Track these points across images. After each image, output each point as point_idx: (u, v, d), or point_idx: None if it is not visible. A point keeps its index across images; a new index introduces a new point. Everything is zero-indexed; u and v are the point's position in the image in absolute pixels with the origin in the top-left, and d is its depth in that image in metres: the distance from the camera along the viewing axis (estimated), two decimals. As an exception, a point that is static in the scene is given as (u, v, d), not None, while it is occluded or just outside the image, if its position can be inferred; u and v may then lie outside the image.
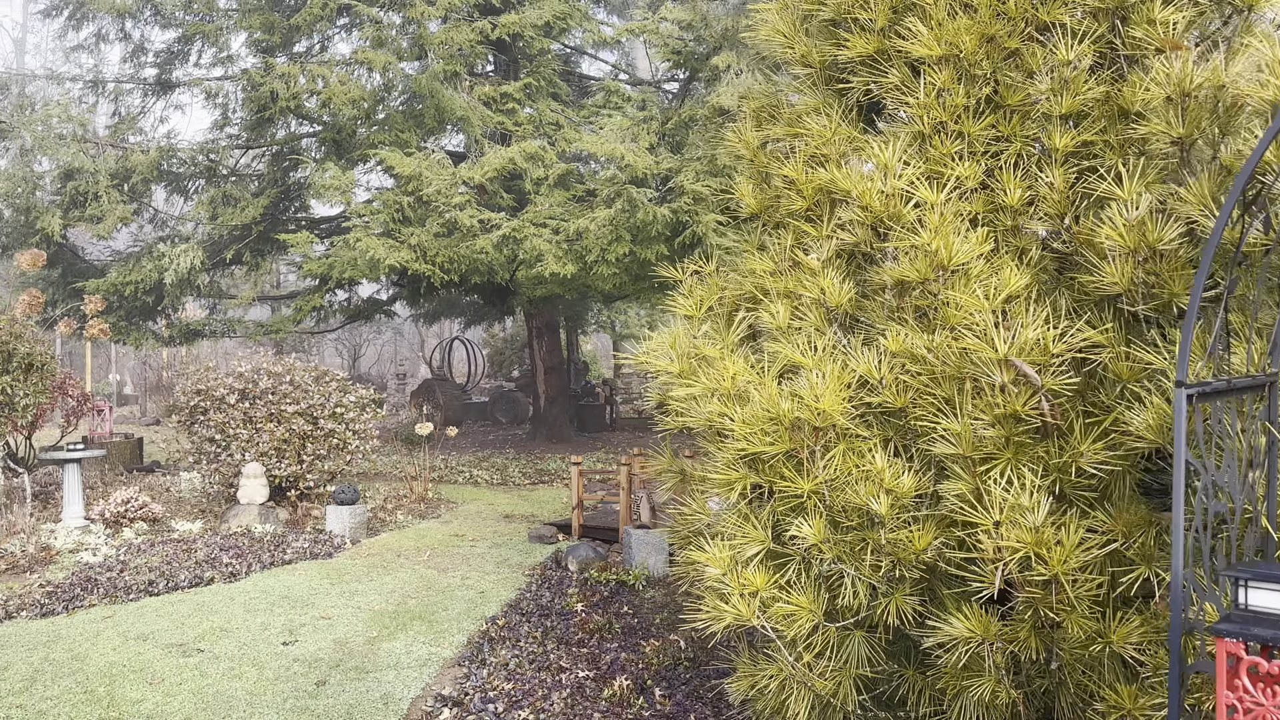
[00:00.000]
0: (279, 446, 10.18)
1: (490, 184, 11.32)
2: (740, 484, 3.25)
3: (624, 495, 8.88)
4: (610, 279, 10.67)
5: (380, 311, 16.76)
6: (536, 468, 14.57)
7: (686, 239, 10.17)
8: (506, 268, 11.20)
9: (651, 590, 7.56)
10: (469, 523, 10.43)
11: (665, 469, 4.30)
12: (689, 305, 4.29)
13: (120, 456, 14.60)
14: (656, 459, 4.36)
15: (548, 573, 8.01)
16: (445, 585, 7.75)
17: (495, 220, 10.63)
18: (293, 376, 10.55)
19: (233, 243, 15.18)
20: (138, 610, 7.14)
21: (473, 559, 8.69)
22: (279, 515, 9.89)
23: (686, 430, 4.23)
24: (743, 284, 4.09)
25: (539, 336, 17.84)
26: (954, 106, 3.50)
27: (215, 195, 14.91)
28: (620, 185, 9.75)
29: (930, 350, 3.07)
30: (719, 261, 4.41)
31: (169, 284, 14.26)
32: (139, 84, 16.10)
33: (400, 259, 10.50)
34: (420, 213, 10.97)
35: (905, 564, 3.03)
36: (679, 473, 4.26)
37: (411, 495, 11.57)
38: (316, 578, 8.06)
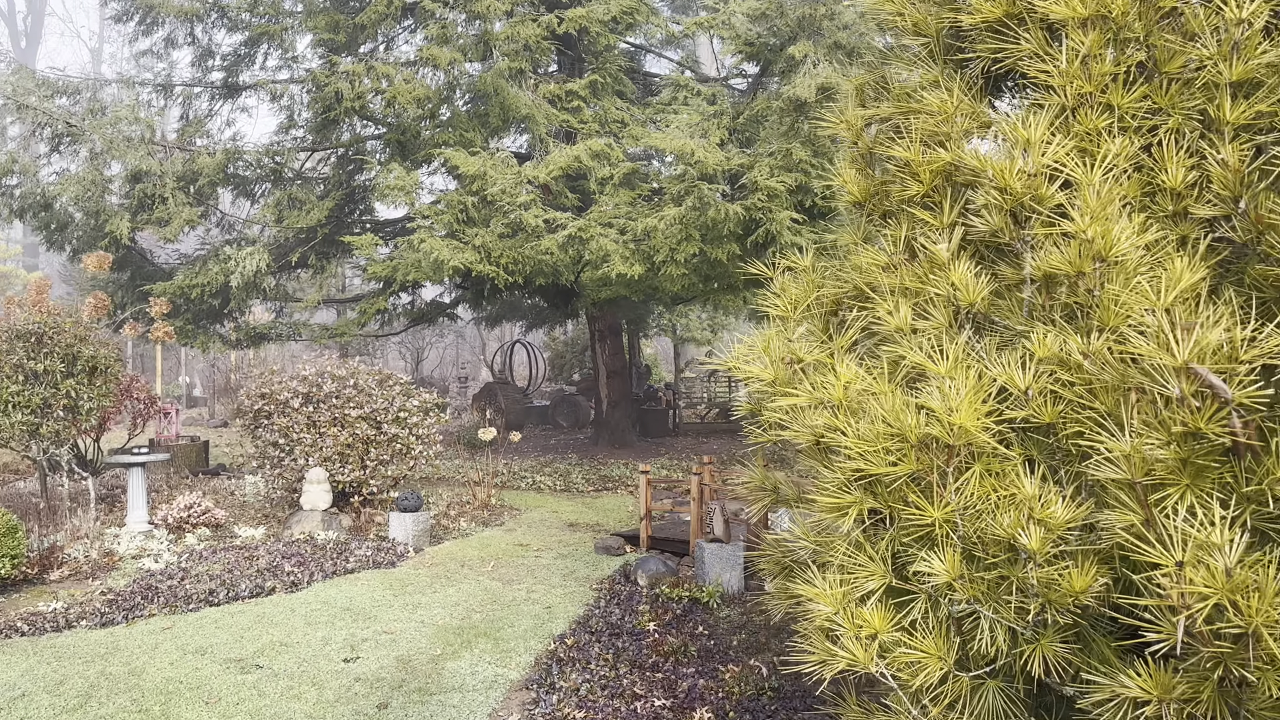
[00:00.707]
0: (342, 451, 9.99)
1: (555, 183, 11.01)
2: (855, 509, 2.82)
3: (695, 506, 8.47)
4: (679, 280, 10.27)
5: (443, 314, 16.60)
6: (600, 474, 14.24)
7: (759, 238, 9.73)
8: (571, 269, 10.88)
9: (727, 609, 7.14)
10: (533, 531, 10.11)
11: (756, 486, 3.88)
12: (782, 305, 3.87)
13: (186, 459, 14.63)
14: (745, 473, 3.95)
15: (616, 587, 7.64)
16: (510, 599, 7.43)
17: (560, 220, 10.31)
18: (356, 380, 10.36)
19: (298, 246, 15.13)
20: (197, 621, 6.94)
21: (538, 570, 8.36)
22: (342, 522, 9.68)
23: (780, 444, 3.81)
24: (845, 280, 3.66)
25: (601, 339, 17.52)
26: (1101, 75, 3.04)
27: (281, 198, 14.88)
28: (691, 182, 9.35)
29: (1087, 356, 2.61)
30: (814, 256, 3.99)
31: (235, 287, 14.24)
32: (206, 87, 16.17)
33: (464, 260, 10.24)
34: (484, 213, 10.70)
35: (1057, 607, 2.57)
36: (771, 490, 3.84)
37: (475, 502, 11.31)
38: (379, 588, 7.80)
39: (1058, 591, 2.57)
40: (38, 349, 8.66)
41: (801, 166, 9.60)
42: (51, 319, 8.87)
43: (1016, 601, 2.62)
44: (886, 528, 2.88)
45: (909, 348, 2.85)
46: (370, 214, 17.02)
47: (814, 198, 9.84)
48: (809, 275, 3.99)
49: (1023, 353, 2.77)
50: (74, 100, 14.64)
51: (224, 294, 14.94)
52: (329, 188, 15.50)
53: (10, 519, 7.59)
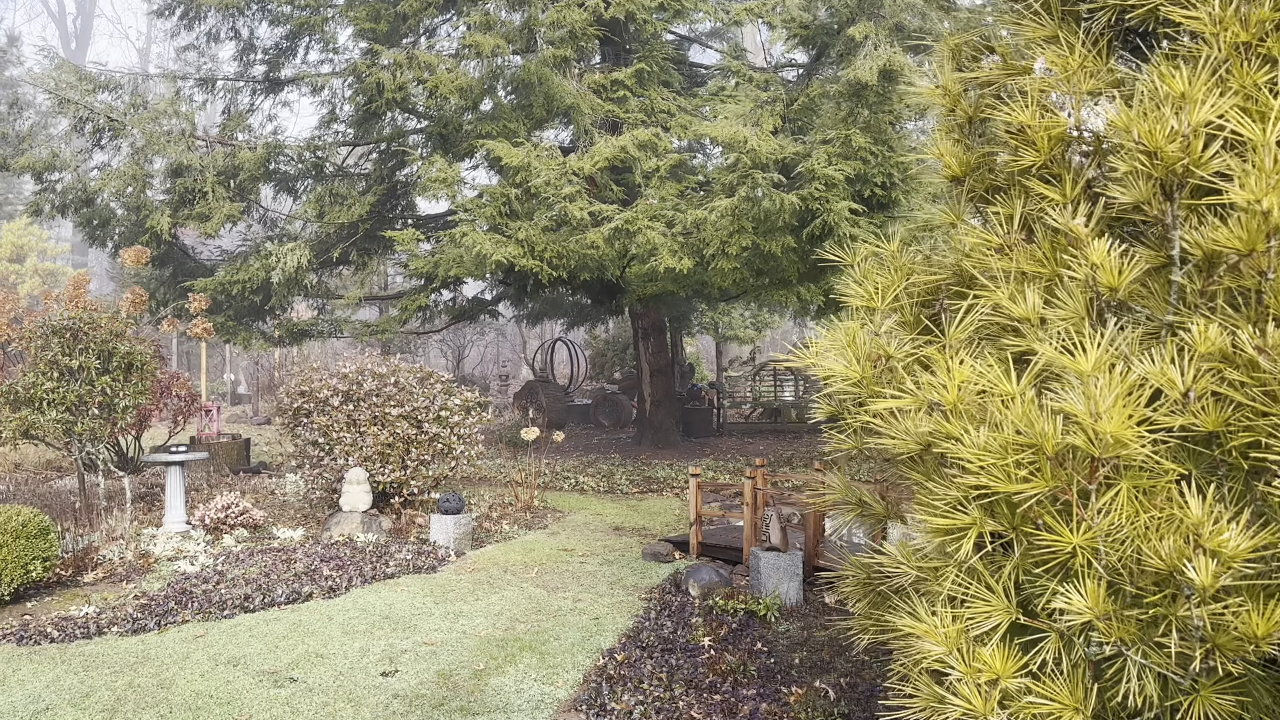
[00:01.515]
0: (382, 451, 9.70)
1: (600, 175, 10.64)
2: (973, 532, 2.39)
3: (748, 512, 8.04)
4: (729, 275, 9.84)
5: (485, 311, 16.33)
6: (644, 475, 13.85)
7: (815, 229, 9.27)
8: (617, 263, 10.50)
9: (785, 622, 6.71)
10: (577, 535, 9.75)
11: (839, 499, 3.46)
12: (866, 294, 3.44)
13: (227, 458, 14.49)
14: (825, 484, 3.52)
15: (666, 597, 7.24)
16: (556, 608, 7.06)
17: (606, 212, 9.92)
18: (397, 378, 10.07)
19: (339, 242, 14.92)
20: (231, 629, 6.65)
21: (583, 578, 7.99)
22: (382, 524, 9.39)
23: (861, 450, 3.40)
24: (942, 266, 3.22)
25: (645, 337, 17.13)
26: (1259, 21, 2.57)
27: (322, 193, 14.68)
28: (744, 170, 8.91)
29: (1263, 351, 2.16)
30: (903, 240, 3.56)
31: (276, 283, 14.06)
32: (248, 82, 16.03)
33: (507, 254, 9.90)
34: (528, 206, 10.37)
35: (1227, 653, 2.13)
36: (855, 504, 3.42)
37: (517, 503, 10.97)
38: (420, 595, 7.48)
39: (1229, 635, 2.12)
40: (73, 345, 8.45)
41: (860, 154, 9.13)
42: (87, 314, 8.67)
43: (1180, 645, 2.17)
44: (1009, 554, 2.44)
45: (1038, 341, 2.42)
46: (412, 210, 16.79)
47: (873, 187, 9.36)
48: (895, 261, 3.56)
49: (1177, 347, 2.32)
50: (116, 95, 14.55)
51: (265, 290, 14.78)
52: (370, 183, 15.28)
53: (43, 520, 7.37)
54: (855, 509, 3.41)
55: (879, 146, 9.15)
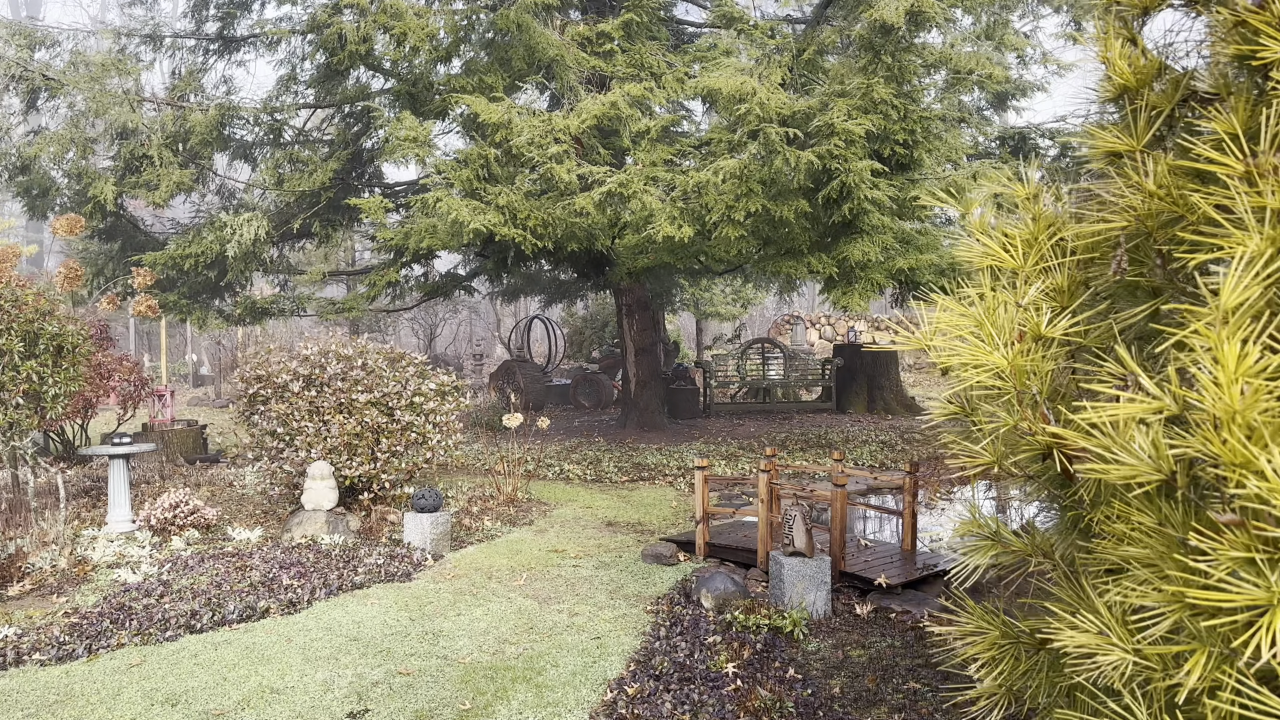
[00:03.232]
0: (349, 442, 8.73)
1: (587, 136, 9.66)
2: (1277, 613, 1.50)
3: (763, 509, 7.18)
4: (735, 244, 8.90)
5: (460, 287, 15.30)
6: (633, 461, 12.96)
7: (831, 192, 8.36)
8: (608, 232, 9.55)
9: (815, 640, 5.86)
10: (567, 532, 8.85)
11: (968, 531, 2.56)
12: (996, 251, 2.55)
13: (182, 446, 13.43)
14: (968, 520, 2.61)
15: (676, 610, 6.36)
16: (550, 624, 6.16)
17: (596, 175, 8.96)
18: (365, 360, 9.08)
19: (300, 212, 13.82)
20: (173, 656, 5.70)
21: (578, 585, 7.10)
22: (349, 523, 8.43)
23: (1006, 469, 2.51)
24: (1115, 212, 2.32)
25: (629, 314, 16.20)
26: None
27: (280, 159, 13.56)
28: (754, 125, 7.96)
29: None
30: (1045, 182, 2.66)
31: (231, 257, 12.97)
32: (200, 40, 14.81)
33: (486, 222, 8.90)
34: (508, 169, 9.37)
35: None
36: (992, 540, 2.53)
37: (500, 496, 10.05)
38: (393, 609, 6.55)
39: None
40: (-8, 326, 7.39)
41: (881, 108, 8.22)
42: (9, 290, 7.60)
43: None
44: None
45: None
46: (379, 179, 15.68)
47: (894, 145, 8.46)
48: (1033, 207, 2.66)
49: None
50: (54, 53, 13.33)
51: (220, 265, 13.69)
52: (334, 149, 14.16)
53: (-48, 529, 6.35)
54: (992, 545, 2.52)
55: (901, 100, 8.26)
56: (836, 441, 14.65)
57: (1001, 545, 2.51)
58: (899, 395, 19.87)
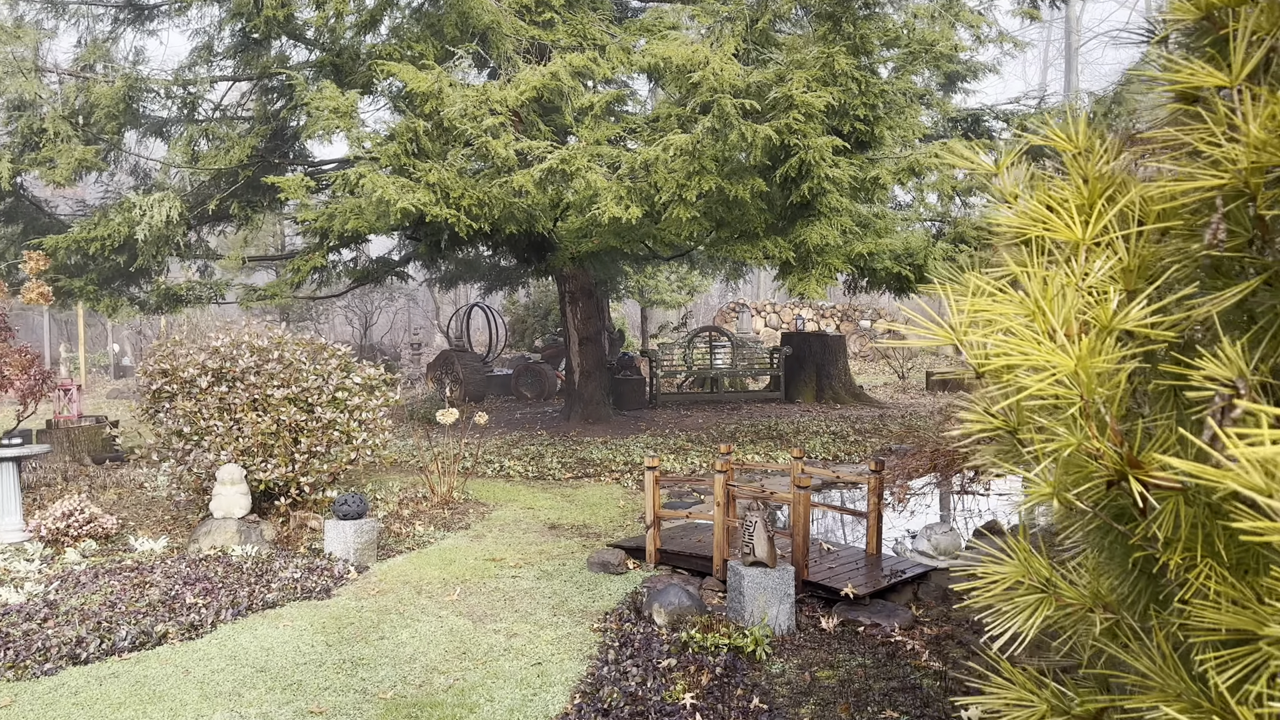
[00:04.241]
0: (264, 442, 7.96)
1: (526, 109, 8.98)
2: None
3: (719, 513, 6.61)
4: (687, 226, 8.29)
5: (392, 273, 14.47)
6: (577, 456, 12.33)
7: (790, 170, 7.80)
8: (549, 213, 8.88)
9: (780, 660, 5.31)
10: (506, 537, 8.20)
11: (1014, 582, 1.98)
12: (1042, 216, 1.99)
13: (89, 445, 12.45)
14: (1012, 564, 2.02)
15: (626, 628, 5.76)
16: (485, 648, 5.52)
17: (537, 150, 8.26)
18: (282, 352, 8.31)
19: (217, 192, 12.88)
20: (50, 694, 4.94)
21: (518, 599, 6.46)
22: (263, 532, 7.68)
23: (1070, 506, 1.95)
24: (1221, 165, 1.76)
25: (573, 302, 15.53)
26: None
27: (195, 134, 12.59)
28: (709, 96, 7.34)
29: None
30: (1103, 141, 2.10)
31: (141, 240, 12.01)
32: (107, 6, 13.73)
33: (415, 201, 8.16)
34: (440, 144, 8.64)
35: None
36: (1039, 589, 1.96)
37: (434, 497, 9.35)
38: (308, 632, 5.85)
39: None
40: None
41: (842, 80, 7.68)
42: None
43: None
44: None
45: None
46: (305, 158, 14.76)
47: (853, 121, 7.93)
48: (1083, 165, 2.09)
49: None
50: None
51: (131, 249, 12.70)
52: (254, 124, 13.23)
53: None
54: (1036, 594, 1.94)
55: (861, 72, 7.72)
56: (787, 433, 14.19)
57: (1054, 595, 1.94)
58: (847, 384, 19.53)
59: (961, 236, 11.21)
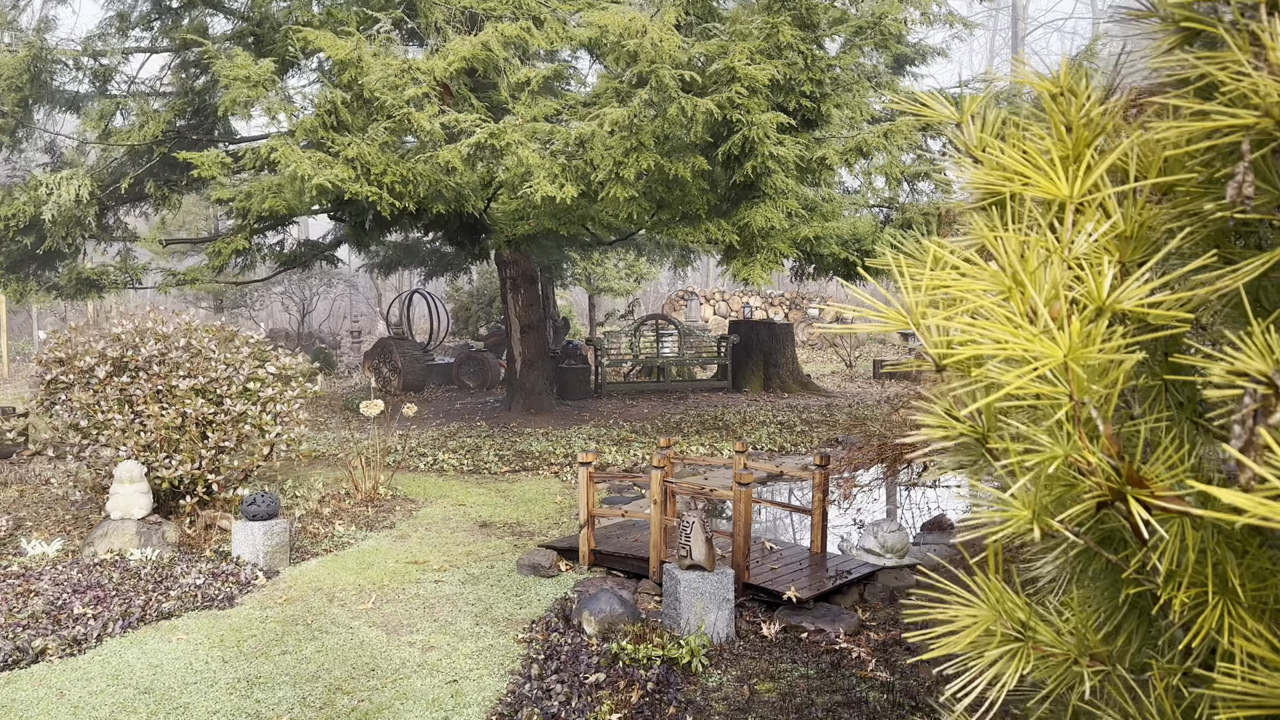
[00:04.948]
0: (168, 436, 7.38)
1: (456, 82, 8.46)
2: None
3: (656, 511, 6.20)
4: (625, 206, 7.83)
5: (321, 257, 13.82)
6: (516, 449, 11.85)
7: (732, 147, 7.38)
8: (480, 193, 8.38)
9: (717, 673, 4.92)
10: (433, 538, 7.71)
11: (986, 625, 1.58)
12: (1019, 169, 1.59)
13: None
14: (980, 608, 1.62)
15: (553, 638, 5.33)
16: (397, 663, 5.05)
17: (464, 124, 7.75)
18: (189, 340, 7.71)
19: (132, 169, 12.13)
20: (-110, 728, 4.39)
21: (439, 607, 5.99)
22: (165, 534, 7.10)
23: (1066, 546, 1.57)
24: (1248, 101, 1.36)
25: (514, 288, 14.99)
26: None
27: (107, 108, 11.83)
28: (646, 66, 6.88)
29: None
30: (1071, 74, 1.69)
31: (49, 221, 11.25)
32: (11, -29, 12.84)
33: (333, 177, 7.60)
34: (361, 117, 8.10)
35: None
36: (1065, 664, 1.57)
37: (358, 494, 8.82)
38: (205, 646, 5.33)
39: None
40: None
41: (787, 53, 7.29)
42: None
43: None
44: None
45: None
46: (230, 136, 14.02)
47: (799, 97, 7.55)
48: (1067, 110, 1.70)
49: None
50: None
51: (39, 230, 11.91)
52: (171, 99, 12.48)
53: None
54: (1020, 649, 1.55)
55: (808, 46, 7.34)
56: (734, 423, 13.85)
57: (1033, 644, 1.54)
58: (795, 373, 19.27)
59: (909, 222, 10.92)
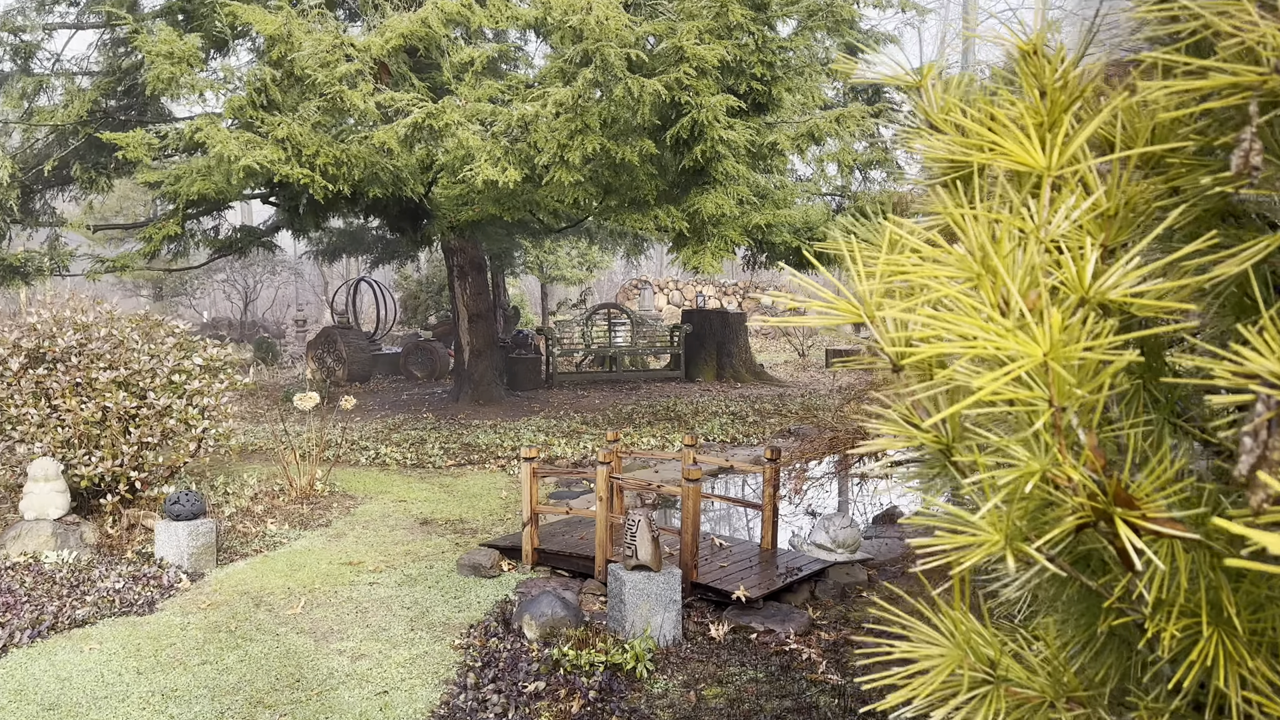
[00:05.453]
0: (87, 432, 6.98)
1: (394, 61, 8.11)
2: None
3: (602, 508, 5.97)
4: (570, 191, 7.56)
5: (259, 244, 13.35)
6: (462, 441, 11.55)
7: (682, 131, 7.14)
8: (420, 177, 8.06)
9: (663, 678, 4.71)
10: (370, 536, 7.41)
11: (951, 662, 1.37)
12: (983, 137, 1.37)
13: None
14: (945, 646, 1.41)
15: (492, 644, 5.08)
16: (324, 674, 4.77)
17: (401, 103, 7.41)
18: (111, 329, 7.31)
19: (57, 151, 11.57)
20: None
21: (372, 611, 5.71)
22: (84, 535, 6.72)
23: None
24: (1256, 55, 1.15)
25: (462, 276, 14.65)
26: None
27: (28, 86, 11.26)
28: (591, 44, 6.60)
29: None
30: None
31: (-35, 204, 10.68)
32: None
33: (261, 159, 7.21)
34: (293, 96, 7.73)
35: None
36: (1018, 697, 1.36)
37: (292, 490, 8.47)
38: (118, 656, 5.00)
39: None
40: None
41: (737, 34, 7.07)
42: None
43: None
44: None
45: None
46: (164, 117, 13.46)
47: (750, 80, 7.34)
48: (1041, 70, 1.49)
49: None
50: None
51: (-45, 214, 11.33)
52: (99, 78, 11.94)
53: None
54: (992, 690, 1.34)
55: (759, 26, 7.13)
56: (686, 413, 13.66)
57: (1005, 687, 1.34)
58: (748, 362, 19.17)
59: (862, 210, 10.77)
